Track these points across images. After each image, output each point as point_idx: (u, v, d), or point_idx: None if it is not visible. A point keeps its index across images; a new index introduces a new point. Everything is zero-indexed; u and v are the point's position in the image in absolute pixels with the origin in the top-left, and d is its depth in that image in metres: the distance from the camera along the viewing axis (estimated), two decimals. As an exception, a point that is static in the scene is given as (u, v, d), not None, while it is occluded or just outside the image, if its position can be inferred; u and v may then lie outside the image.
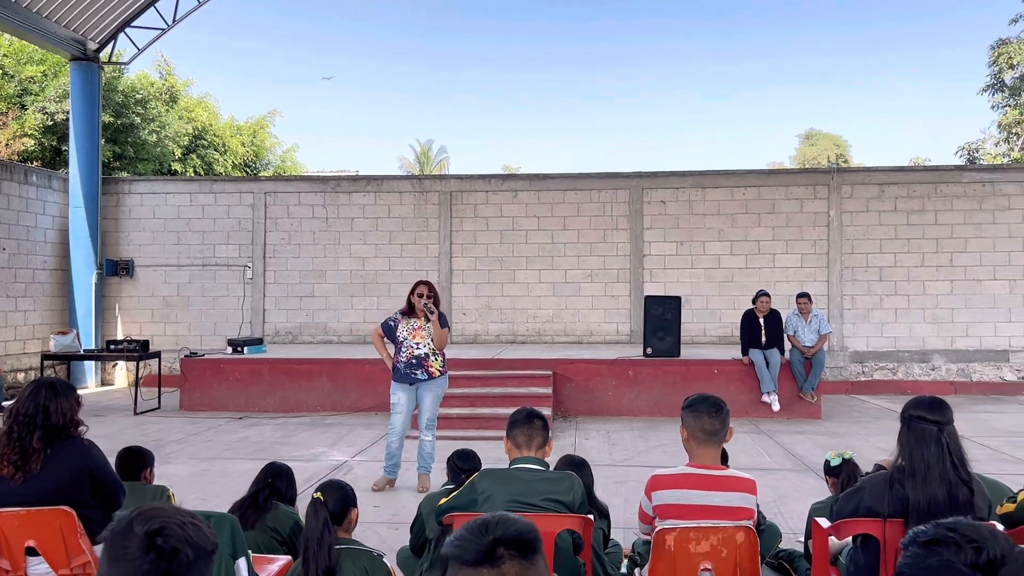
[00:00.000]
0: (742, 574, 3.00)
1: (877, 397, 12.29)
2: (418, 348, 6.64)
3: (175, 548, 1.35)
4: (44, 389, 3.26)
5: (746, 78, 62.32)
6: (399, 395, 6.72)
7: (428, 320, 6.65)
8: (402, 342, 6.68)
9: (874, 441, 8.52)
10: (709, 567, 2.97)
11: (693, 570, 2.98)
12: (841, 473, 4.30)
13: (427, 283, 6.79)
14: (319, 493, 3.09)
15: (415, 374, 6.66)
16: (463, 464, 4.32)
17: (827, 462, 4.31)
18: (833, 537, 3.31)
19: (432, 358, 6.68)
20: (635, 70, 64.66)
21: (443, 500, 3.39)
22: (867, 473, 3.74)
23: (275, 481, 4.09)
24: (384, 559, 3.14)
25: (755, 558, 3.01)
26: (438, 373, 6.73)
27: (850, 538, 3.26)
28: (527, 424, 3.30)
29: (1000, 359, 12.72)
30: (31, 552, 3.24)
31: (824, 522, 3.30)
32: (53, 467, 3.20)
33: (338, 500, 3.19)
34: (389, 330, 6.81)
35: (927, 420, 2.92)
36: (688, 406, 3.14)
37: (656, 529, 3.00)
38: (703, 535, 2.98)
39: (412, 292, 6.71)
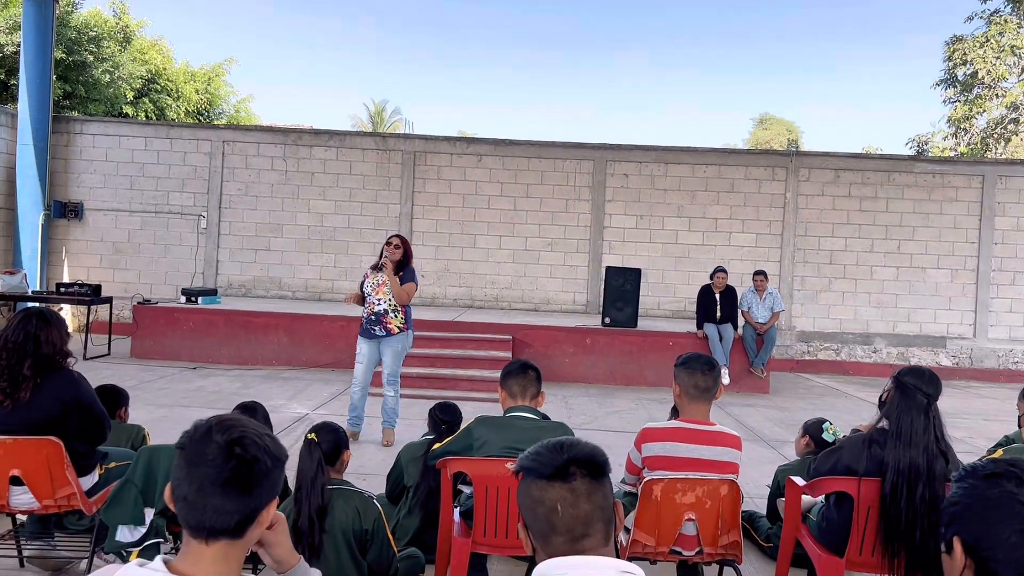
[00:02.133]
0: (723, 525, 3.14)
1: (820, 376, 12.72)
2: (378, 304, 6.60)
3: (255, 456, 1.39)
4: (34, 318, 3.20)
5: (703, 61, 62.80)
6: (361, 346, 6.72)
7: (383, 271, 6.55)
8: (366, 297, 6.68)
9: (820, 415, 8.83)
10: (693, 517, 3.10)
11: (677, 519, 3.11)
12: (822, 444, 4.42)
13: (399, 236, 6.77)
14: (312, 434, 3.12)
15: (374, 330, 6.64)
16: (444, 416, 4.38)
17: (820, 428, 4.44)
18: (805, 495, 3.47)
19: (392, 315, 6.62)
20: (596, 45, 64.57)
21: (437, 445, 3.44)
22: (843, 436, 3.91)
23: (256, 417, 4.09)
24: (374, 500, 3.18)
25: (737, 510, 3.14)
26: (397, 330, 6.65)
27: (821, 497, 3.42)
28: (521, 374, 3.37)
29: (938, 345, 13.27)
30: (15, 481, 3.20)
31: (799, 480, 3.45)
32: (42, 397, 3.15)
33: (331, 441, 3.21)
34: (361, 285, 6.81)
35: (921, 391, 3.06)
36: (682, 363, 3.25)
37: (644, 479, 3.11)
38: (689, 486, 3.10)
39: (387, 244, 6.67)
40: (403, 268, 6.61)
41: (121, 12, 19.03)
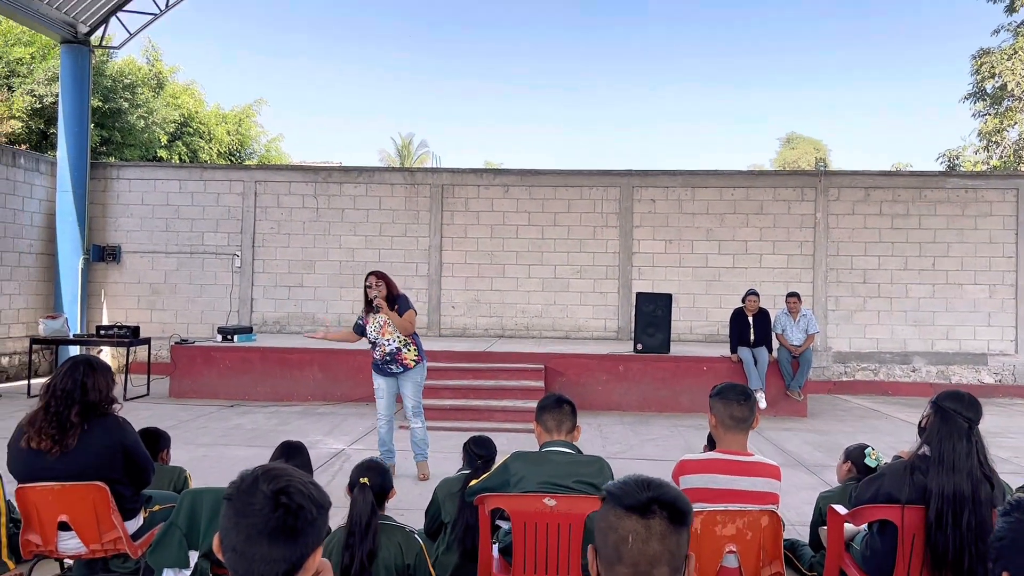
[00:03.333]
0: (765, 556, 3.10)
1: (859, 397, 12.53)
2: (388, 344, 6.63)
3: (300, 505, 1.42)
4: (82, 365, 3.29)
5: (730, 79, 62.84)
6: (379, 382, 6.76)
7: (379, 311, 6.55)
8: (374, 341, 6.68)
9: (860, 439, 8.67)
10: (734, 549, 3.07)
11: (718, 552, 3.08)
12: (863, 469, 4.33)
13: (375, 273, 6.68)
14: (364, 478, 3.12)
15: (391, 368, 6.69)
16: (479, 450, 4.38)
17: (862, 454, 4.36)
18: (848, 523, 3.42)
19: (404, 350, 6.66)
20: (618, 67, 64.91)
21: (473, 482, 3.45)
22: (885, 464, 3.85)
23: (293, 459, 4.12)
24: (416, 535, 3.20)
25: (778, 541, 3.11)
26: (413, 363, 6.71)
27: (864, 525, 3.37)
28: (557, 409, 3.38)
29: (979, 362, 13.01)
30: (63, 527, 3.26)
31: (841, 509, 3.41)
32: (89, 443, 3.23)
33: (379, 483, 3.22)
34: (360, 329, 6.78)
35: (962, 416, 3.03)
36: (717, 394, 3.24)
37: (683, 512, 3.09)
38: (729, 518, 3.08)
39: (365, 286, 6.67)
40: (394, 301, 6.60)
41: (154, 59, 19.58)
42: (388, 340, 6.63)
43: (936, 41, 58.61)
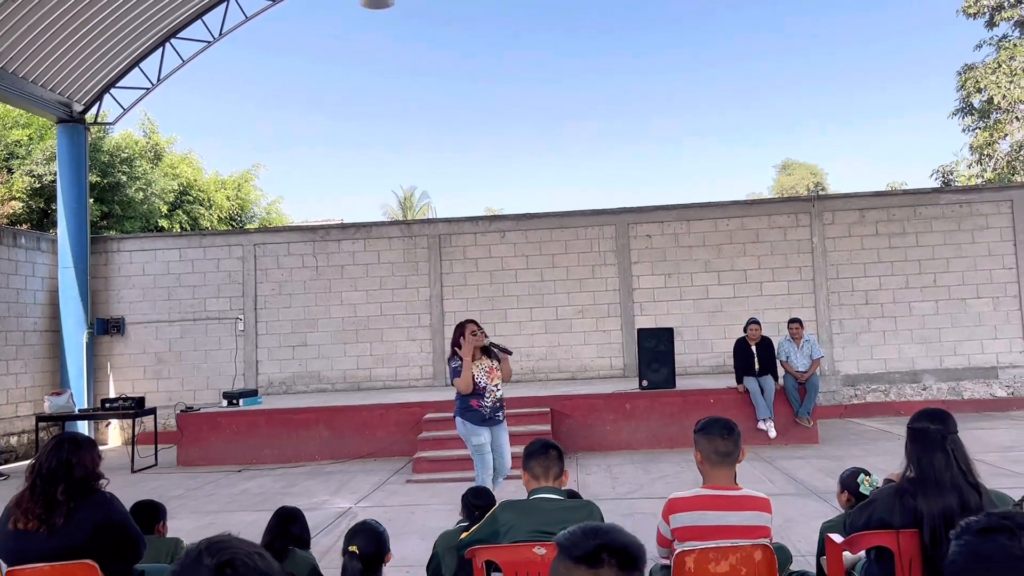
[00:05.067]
0: (762, 592, 3.05)
1: (872, 419, 12.39)
2: (499, 390, 6.38)
3: None
4: (66, 443, 3.29)
5: (722, 109, 63.43)
6: (483, 435, 6.34)
7: (499, 360, 6.37)
8: (484, 388, 6.31)
9: (873, 462, 8.56)
10: (730, 587, 3.02)
11: (714, 590, 3.03)
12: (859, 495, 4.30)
13: (473, 320, 6.47)
14: (354, 546, 3.08)
15: (497, 416, 6.39)
16: (477, 501, 4.36)
17: (856, 483, 4.33)
18: (847, 552, 3.37)
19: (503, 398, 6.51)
20: (609, 103, 65.66)
21: (464, 535, 3.42)
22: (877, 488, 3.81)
23: (289, 526, 4.09)
24: None
25: (773, 574, 3.06)
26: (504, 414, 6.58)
27: (863, 552, 3.32)
28: (543, 455, 3.36)
29: (989, 376, 12.89)
30: (55, 608, 3.24)
31: (837, 537, 3.36)
32: (77, 520, 3.22)
33: (373, 545, 3.17)
34: (456, 372, 6.40)
35: (931, 428, 3.01)
36: (700, 429, 3.22)
37: (675, 552, 3.06)
38: (722, 555, 3.04)
39: (460, 333, 6.33)
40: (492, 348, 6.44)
41: (151, 132, 19.93)
42: (497, 385, 6.37)
43: (922, 59, 59.20)
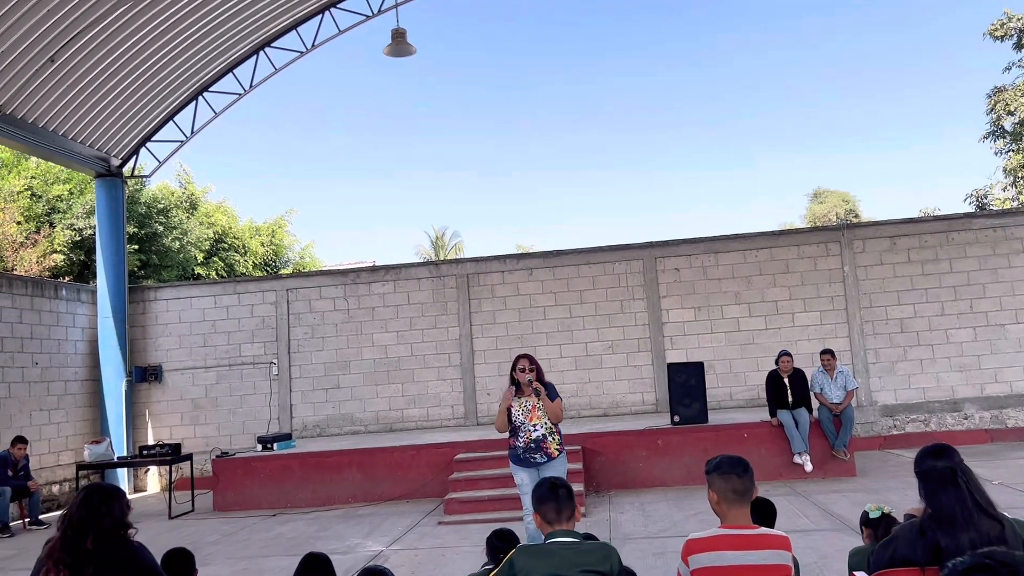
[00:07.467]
0: (785, 633, 3.02)
1: (912, 450, 12.05)
2: (535, 431, 6.30)
3: None
4: (96, 494, 3.37)
5: (751, 141, 63.25)
6: (522, 476, 6.34)
7: (539, 397, 6.32)
8: (520, 426, 6.34)
9: (912, 495, 8.31)
10: (751, 628, 2.99)
11: (735, 632, 3.00)
12: (879, 526, 4.29)
13: (527, 356, 6.44)
14: None
15: (535, 458, 6.31)
16: (501, 543, 4.36)
17: (865, 514, 4.32)
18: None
19: (550, 438, 6.34)
20: (634, 139, 65.85)
21: (483, 580, 3.43)
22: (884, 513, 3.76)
23: (316, 573, 4.13)
24: None
25: (796, 615, 3.03)
26: (556, 453, 6.38)
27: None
28: (552, 499, 3.35)
29: (1033, 402, 12.57)
30: (85, 658, 3.29)
31: (861, 575, 3.32)
32: (106, 571, 3.28)
33: None
34: (508, 414, 6.42)
35: (938, 466, 2.98)
36: (714, 469, 3.21)
37: (695, 593, 3.04)
38: (742, 596, 3.01)
39: (513, 368, 6.38)
40: (543, 386, 6.31)
41: (186, 182, 20.49)
42: (535, 426, 6.31)
43: (951, 82, 58.63)
